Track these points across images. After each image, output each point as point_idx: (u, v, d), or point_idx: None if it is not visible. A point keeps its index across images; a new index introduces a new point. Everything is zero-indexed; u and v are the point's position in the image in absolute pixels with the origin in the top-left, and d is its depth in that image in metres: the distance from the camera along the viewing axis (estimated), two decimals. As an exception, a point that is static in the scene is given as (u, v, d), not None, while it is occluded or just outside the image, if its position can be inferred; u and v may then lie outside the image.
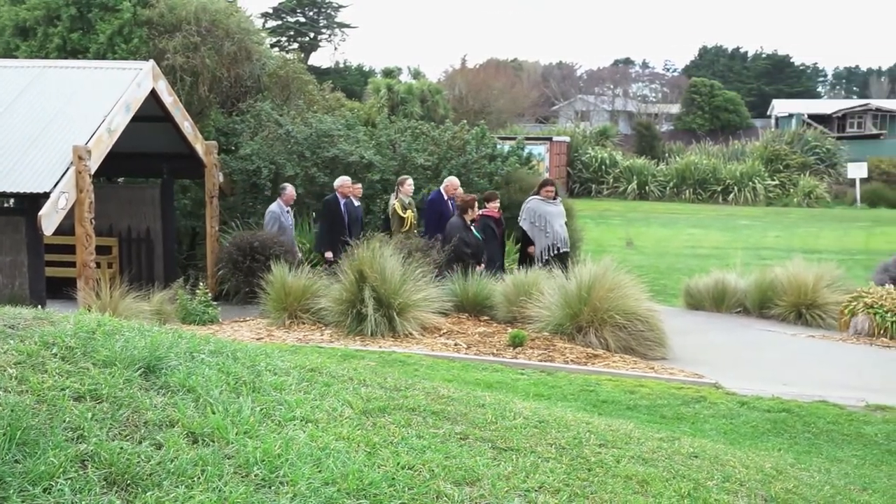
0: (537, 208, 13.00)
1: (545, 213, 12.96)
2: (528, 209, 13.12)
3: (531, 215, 13.03)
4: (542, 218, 12.92)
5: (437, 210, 13.17)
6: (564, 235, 13.05)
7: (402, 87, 38.35)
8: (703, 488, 4.15)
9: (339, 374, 4.74)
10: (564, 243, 13.00)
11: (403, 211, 13.29)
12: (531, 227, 13.00)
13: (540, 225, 12.93)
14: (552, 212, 13.03)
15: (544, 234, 12.90)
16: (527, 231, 13.08)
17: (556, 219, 13.00)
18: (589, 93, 76.19)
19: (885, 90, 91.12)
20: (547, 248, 12.83)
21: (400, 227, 13.22)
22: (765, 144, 42.20)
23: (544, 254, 12.79)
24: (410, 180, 13.77)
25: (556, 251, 12.80)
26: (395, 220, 13.30)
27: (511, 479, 3.60)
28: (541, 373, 8.57)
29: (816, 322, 12.08)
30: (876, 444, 6.63)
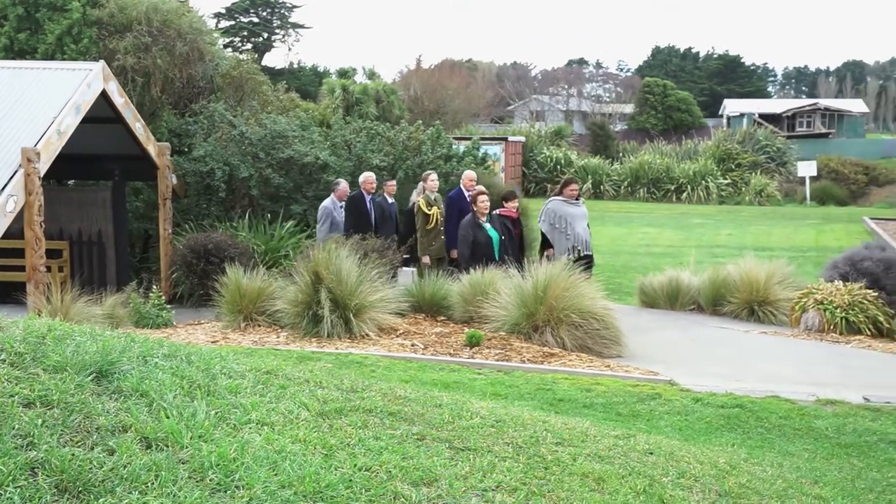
0: (558, 209, 12.44)
1: (566, 214, 12.39)
2: (547, 210, 12.56)
3: (551, 217, 12.46)
4: (562, 219, 12.37)
5: (457, 207, 12.74)
6: (587, 238, 12.48)
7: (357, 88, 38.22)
8: (658, 484, 4.19)
9: (295, 376, 4.71)
10: (586, 246, 12.43)
11: (428, 208, 12.80)
12: (551, 228, 12.44)
13: (560, 227, 12.36)
14: (574, 213, 12.47)
15: (564, 237, 12.32)
16: (546, 233, 12.51)
17: (578, 221, 12.45)
18: (543, 93, 76.64)
19: (832, 90, 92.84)
20: (567, 252, 12.16)
21: (425, 224, 12.77)
22: (717, 144, 42.74)
23: (564, 257, 11.98)
24: (434, 175, 13.29)
25: (578, 255, 12.12)
26: (419, 218, 12.84)
27: (468, 479, 3.60)
28: (498, 372, 8.59)
29: (768, 318, 12.24)
30: (826, 438, 6.73)
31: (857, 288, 11.96)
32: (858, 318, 11.56)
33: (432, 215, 12.70)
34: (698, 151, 43.13)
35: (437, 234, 12.75)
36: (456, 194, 13.02)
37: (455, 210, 12.70)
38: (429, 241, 12.74)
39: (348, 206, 13.09)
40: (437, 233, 12.73)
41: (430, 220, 12.70)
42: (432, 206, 12.76)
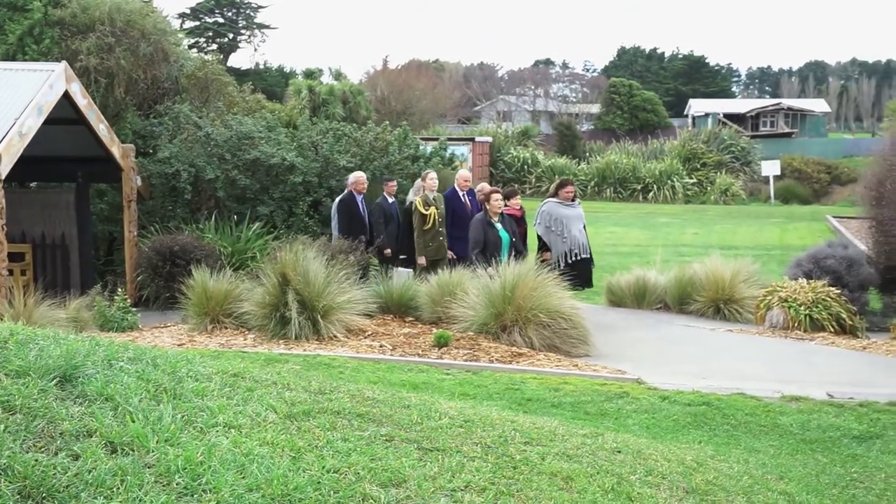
0: (553, 211, 12.19)
1: (562, 216, 12.14)
2: (542, 212, 12.29)
3: (546, 219, 12.19)
4: (558, 222, 12.10)
5: (450, 207, 12.55)
6: (583, 241, 12.22)
7: (323, 89, 38.06)
8: (626, 482, 4.21)
9: (262, 378, 4.69)
10: (583, 249, 12.18)
11: (426, 208, 12.45)
12: (546, 231, 12.18)
13: (556, 229, 12.09)
14: (570, 215, 12.22)
15: (561, 240, 12.06)
16: (541, 236, 12.26)
17: (574, 223, 12.20)
18: (510, 93, 76.87)
19: (795, 90, 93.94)
20: (564, 255, 12.00)
21: (422, 224, 12.47)
22: (682, 143, 43.08)
23: (561, 261, 11.98)
24: (433, 174, 12.99)
25: (575, 258, 12.01)
26: (416, 218, 12.53)
27: (437, 480, 3.60)
28: (466, 372, 8.60)
29: (734, 316, 12.36)
30: (791, 434, 6.81)
31: (821, 285, 12.11)
32: (822, 316, 11.70)
33: (429, 215, 12.40)
34: (664, 151, 43.45)
35: (435, 235, 12.48)
36: (449, 194, 12.81)
37: (449, 210, 12.51)
38: (425, 242, 12.47)
39: (339, 209, 12.98)
40: (434, 233, 12.46)
41: (427, 221, 12.41)
42: (430, 206, 12.46)
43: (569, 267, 11.76)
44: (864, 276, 13.20)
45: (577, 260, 12.00)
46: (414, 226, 12.52)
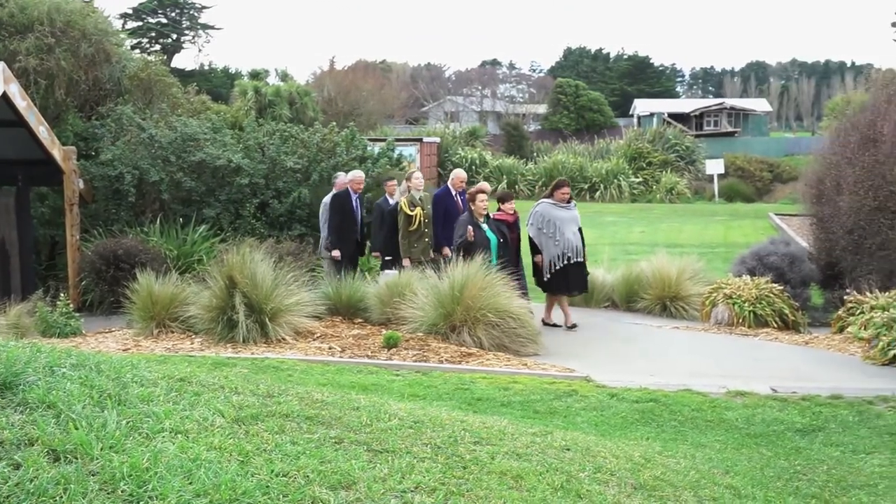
0: (546, 213, 11.77)
1: (555, 218, 11.71)
2: (535, 213, 11.87)
3: (539, 220, 11.78)
4: (551, 224, 11.67)
5: (442, 207, 12.14)
6: (577, 244, 11.74)
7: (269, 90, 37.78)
8: (575, 480, 4.24)
9: (209, 382, 4.64)
10: (577, 253, 11.71)
11: (411, 208, 12.03)
12: (538, 233, 11.76)
13: (549, 232, 11.67)
14: (564, 217, 11.77)
15: (553, 242, 11.64)
16: (533, 238, 11.82)
17: (567, 225, 11.74)
18: (458, 94, 77.05)
19: (737, 90, 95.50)
20: (556, 258, 11.61)
21: (407, 225, 12.04)
22: (628, 143, 43.53)
23: (554, 264, 11.61)
24: (419, 174, 12.67)
25: (567, 262, 11.61)
26: (402, 218, 12.10)
27: (387, 481, 3.59)
28: (416, 373, 8.60)
29: (680, 314, 12.52)
30: (737, 429, 6.91)
31: (764, 282, 12.32)
32: (766, 312, 11.90)
33: (415, 216, 11.99)
34: (610, 151, 43.87)
35: (421, 236, 12.08)
36: (442, 193, 12.51)
37: (441, 210, 12.15)
38: (410, 243, 12.06)
39: (333, 206, 12.75)
40: (419, 234, 12.05)
41: (412, 221, 12.01)
42: (415, 207, 12.05)
43: (561, 271, 11.57)
44: (806, 273, 13.46)
45: (570, 264, 11.64)
46: (399, 226, 12.16)
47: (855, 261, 13.15)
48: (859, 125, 14.47)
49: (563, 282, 11.71)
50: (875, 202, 12.72)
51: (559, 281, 11.68)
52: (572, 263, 11.65)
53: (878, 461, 6.12)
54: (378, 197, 13.43)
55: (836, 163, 14.62)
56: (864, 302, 11.14)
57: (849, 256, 13.35)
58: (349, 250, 12.64)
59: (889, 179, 12.45)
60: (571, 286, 11.86)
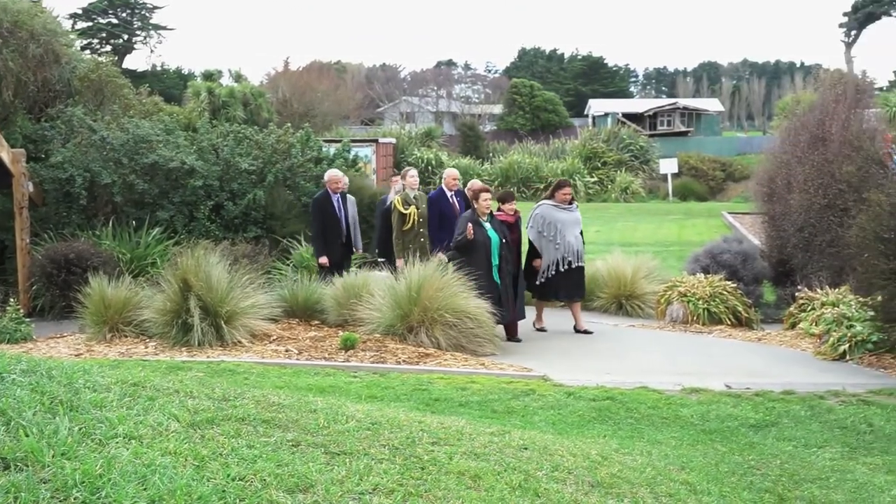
0: (547, 215, 11.39)
1: (556, 220, 11.33)
2: (536, 216, 11.47)
3: (539, 223, 11.39)
4: (551, 226, 11.29)
5: (437, 207, 11.72)
6: (578, 248, 11.38)
7: (223, 91, 37.49)
8: (533, 479, 4.25)
9: (164, 386, 4.58)
10: (578, 257, 11.34)
11: (405, 207, 11.60)
12: (538, 236, 11.38)
13: (549, 235, 11.29)
14: (565, 220, 11.38)
15: (553, 246, 11.27)
16: (533, 241, 11.46)
17: (569, 228, 11.36)
18: (413, 94, 77.06)
19: (690, 90, 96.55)
20: (555, 263, 11.26)
21: (401, 225, 11.63)
22: (583, 143, 43.86)
23: (551, 268, 11.27)
24: (413, 171, 12.15)
25: (568, 266, 11.26)
26: (395, 217, 11.68)
27: (345, 483, 3.57)
28: (373, 374, 8.58)
29: (636, 312, 12.63)
30: (692, 426, 6.99)
31: (718, 280, 12.47)
32: (719, 309, 12.05)
33: (409, 215, 11.56)
34: (565, 151, 44.18)
35: (416, 237, 11.63)
36: (436, 195, 12.07)
37: (435, 212, 11.74)
38: (405, 244, 11.61)
39: (313, 209, 12.39)
40: (414, 234, 11.62)
41: (406, 221, 11.59)
42: (409, 206, 11.62)
43: (561, 276, 11.26)
44: (758, 270, 13.67)
45: (570, 268, 11.30)
46: (393, 226, 11.76)
47: (806, 258, 13.37)
48: (809, 124, 14.72)
49: (560, 287, 11.35)
50: (825, 200, 12.94)
51: (553, 286, 11.35)
52: (573, 268, 11.31)
53: (830, 455, 6.23)
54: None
55: (787, 161, 14.86)
56: (814, 298, 11.33)
57: (800, 254, 13.58)
58: (336, 255, 12.17)
59: (838, 178, 12.68)
60: (570, 292, 11.52)
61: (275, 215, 14.23)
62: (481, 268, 10.27)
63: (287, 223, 14.18)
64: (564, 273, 11.26)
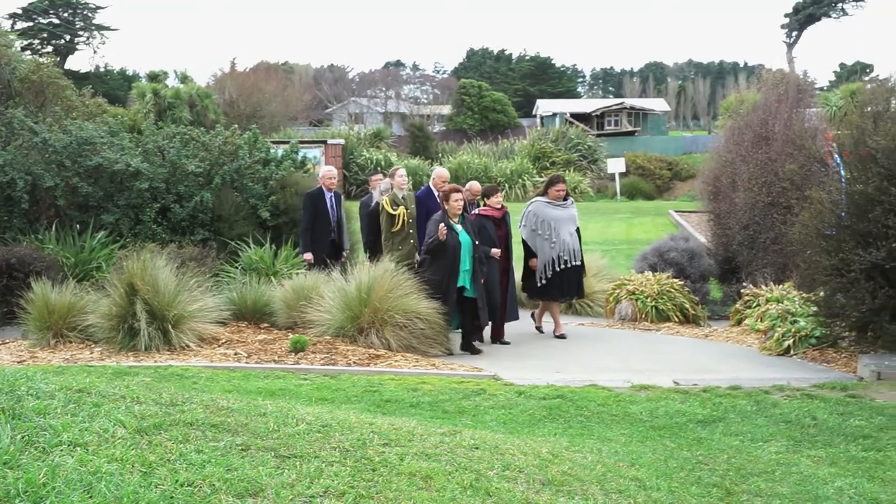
0: (540, 212, 11.09)
1: (550, 217, 11.02)
2: (528, 213, 11.18)
3: (533, 221, 11.08)
4: (545, 224, 10.98)
5: (424, 208, 11.27)
6: (574, 246, 11.03)
7: (168, 92, 37.11)
8: (484, 478, 4.26)
9: (109, 392, 4.51)
10: (574, 255, 11.00)
11: (394, 207, 11.17)
12: (532, 234, 11.06)
13: (543, 232, 10.97)
14: (559, 216, 11.07)
15: (549, 244, 10.93)
16: (526, 240, 11.14)
17: (563, 225, 11.03)
18: (362, 95, 76.88)
19: (636, 90, 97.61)
20: (551, 262, 10.93)
21: (390, 226, 11.19)
22: (532, 143, 44.14)
23: (548, 268, 10.95)
24: (403, 171, 11.69)
25: (564, 265, 10.94)
26: (384, 218, 11.26)
27: (295, 487, 3.55)
28: (324, 377, 8.53)
29: (585, 310, 12.73)
30: (641, 422, 7.05)
31: (665, 278, 12.63)
32: (667, 307, 12.21)
33: (398, 216, 11.11)
34: (514, 151, 44.42)
35: (406, 238, 11.22)
36: (423, 194, 11.74)
37: (423, 211, 11.33)
38: (394, 245, 11.18)
39: (304, 205, 12.23)
40: (404, 235, 11.21)
41: (395, 222, 11.15)
42: (398, 206, 11.17)
43: (557, 275, 10.97)
44: (705, 268, 13.87)
45: (568, 268, 10.99)
46: (381, 227, 11.38)
47: (751, 255, 13.60)
48: (752, 124, 14.97)
49: (557, 287, 11.07)
50: (768, 198, 13.17)
51: (553, 286, 11.04)
52: (570, 267, 10.99)
53: (775, 448, 6.33)
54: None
55: (732, 160, 15.10)
56: (759, 295, 11.51)
57: (745, 251, 13.80)
58: (323, 253, 11.92)
59: (781, 176, 12.90)
60: (566, 291, 11.27)
61: (222, 217, 14.08)
62: (446, 272, 10.03)
63: (235, 225, 14.03)
64: (561, 272, 10.97)
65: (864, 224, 8.87)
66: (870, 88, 13.42)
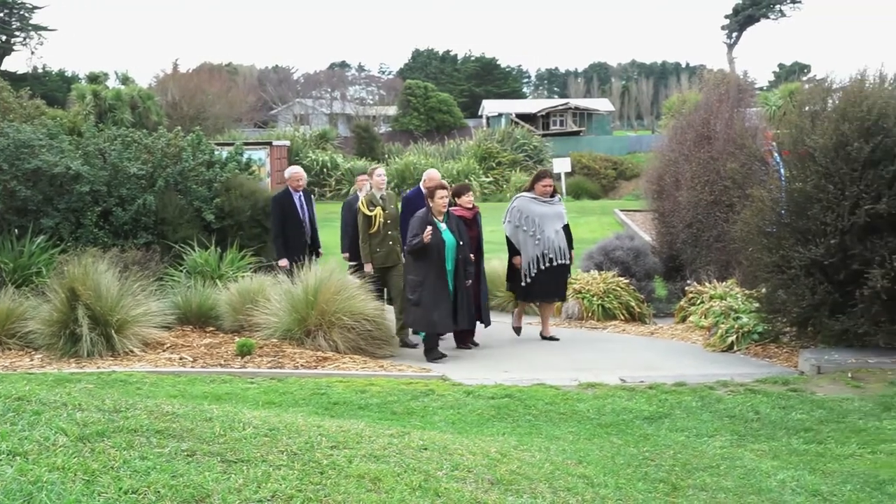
0: (524, 208, 10.71)
1: (535, 214, 10.64)
2: (512, 209, 10.79)
3: (516, 217, 10.71)
4: (530, 221, 10.61)
5: (413, 209, 10.64)
6: (561, 244, 10.64)
7: (109, 94, 36.56)
8: (433, 478, 4.26)
9: (50, 400, 4.43)
10: (560, 254, 10.62)
11: (370, 208, 10.73)
12: (515, 231, 10.70)
13: (528, 230, 10.61)
14: (545, 213, 10.67)
15: (533, 242, 10.58)
16: (510, 237, 10.80)
17: (549, 222, 10.64)
18: (307, 96, 76.46)
19: (581, 90, 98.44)
20: (535, 260, 10.57)
21: (367, 227, 10.71)
22: (478, 143, 44.25)
23: (532, 266, 10.59)
24: (381, 170, 11.25)
25: (549, 263, 10.57)
26: (360, 219, 10.81)
27: (242, 492, 3.52)
28: (271, 380, 8.46)
29: (532, 310, 12.77)
30: (588, 420, 7.11)
31: (611, 276, 12.75)
32: (613, 305, 12.32)
33: (374, 217, 10.65)
34: (461, 151, 44.48)
35: (383, 240, 10.70)
36: (414, 194, 11.41)
37: (410, 213, 10.65)
38: (372, 248, 10.70)
39: (272, 207, 12.02)
40: (382, 237, 10.69)
41: (372, 223, 10.69)
42: (375, 207, 10.72)
43: (543, 274, 10.61)
44: (650, 266, 14.03)
45: (553, 266, 10.62)
46: (359, 229, 10.90)
47: (694, 253, 13.78)
48: (694, 123, 15.17)
49: (543, 287, 10.74)
50: (711, 196, 13.36)
51: (537, 286, 10.71)
52: (555, 266, 10.61)
53: (720, 443, 6.43)
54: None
55: (675, 160, 15.29)
56: (703, 292, 11.67)
57: (689, 249, 13.98)
58: (300, 254, 11.52)
59: (723, 174, 13.09)
60: (552, 291, 10.92)
61: (166, 220, 13.89)
62: (433, 273, 9.70)
63: (179, 228, 13.85)
64: (546, 271, 10.61)
65: (804, 221, 9.04)
66: (807, 88, 13.67)
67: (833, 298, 8.85)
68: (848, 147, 8.78)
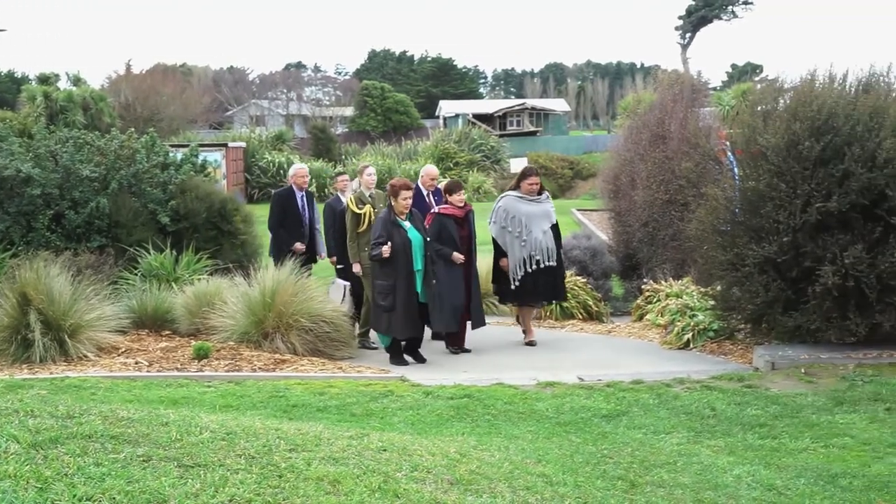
0: (510, 207, 10.33)
1: (521, 213, 10.25)
2: (498, 209, 10.41)
3: (502, 217, 10.31)
4: (516, 221, 10.22)
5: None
6: (548, 245, 10.26)
7: (61, 95, 36.02)
8: (392, 480, 4.26)
9: (1, 407, 4.36)
10: (548, 255, 10.24)
11: (359, 206, 10.41)
12: (501, 232, 10.31)
13: (514, 230, 10.22)
14: (532, 212, 10.30)
15: (519, 243, 10.20)
16: (496, 238, 10.40)
17: (536, 222, 10.27)
18: (262, 97, 76.00)
19: (538, 90, 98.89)
20: (522, 262, 10.21)
21: (356, 226, 10.37)
22: (435, 144, 44.31)
23: (519, 269, 10.21)
24: (371, 169, 11.03)
25: (537, 265, 10.21)
26: (349, 218, 10.47)
27: (199, 497, 3.49)
28: (229, 383, 8.39)
29: (490, 310, 12.78)
30: (547, 419, 7.14)
31: (569, 275, 12.80)
32: (571, 304, 12.38)
33: (364, 215, 10.34)
34: (418, 152, 44.50)
35: None
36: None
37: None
38: (360, 247, 10.33)
39: (273, 201, 11.83)
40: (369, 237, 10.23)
41: (360, 222, 10.37)
42: (364, 205, 10.44)
43: (530, 276, 10.26)
44: (607, 265, 14.13)
45: (541, 268, 10.26)
46: (347, 228, 10.54)
47: (650, 252, 13.92)
48: (649, 123, 15.33)
49: (530, 290, 10.38)
50: (666, 195, 13.50)
51: (525, 289, 10.36)
52: (542, 268, 10.24)
53: (677, 440, 6.49)
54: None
55: (630, 159, 15.43)
56: (659, 290, 11.79)
57: (645, 248, 14.12)
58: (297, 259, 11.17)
59: (678, 174, 13.24)
60: (540, 294, 10.57)
61: (120, 223, 13.70)
62: (402, 276, 9.38)
63: (133, 231, 13.67)
64: (534, 273, 10.25)
65: (757, 220, 9.16)
66: (760, 88, 13.87)
67: (786, 295, 8.98)
68: (799, 146, 8.91)
